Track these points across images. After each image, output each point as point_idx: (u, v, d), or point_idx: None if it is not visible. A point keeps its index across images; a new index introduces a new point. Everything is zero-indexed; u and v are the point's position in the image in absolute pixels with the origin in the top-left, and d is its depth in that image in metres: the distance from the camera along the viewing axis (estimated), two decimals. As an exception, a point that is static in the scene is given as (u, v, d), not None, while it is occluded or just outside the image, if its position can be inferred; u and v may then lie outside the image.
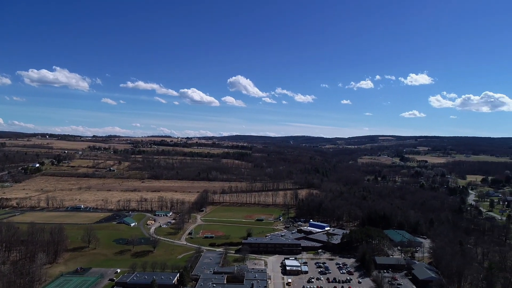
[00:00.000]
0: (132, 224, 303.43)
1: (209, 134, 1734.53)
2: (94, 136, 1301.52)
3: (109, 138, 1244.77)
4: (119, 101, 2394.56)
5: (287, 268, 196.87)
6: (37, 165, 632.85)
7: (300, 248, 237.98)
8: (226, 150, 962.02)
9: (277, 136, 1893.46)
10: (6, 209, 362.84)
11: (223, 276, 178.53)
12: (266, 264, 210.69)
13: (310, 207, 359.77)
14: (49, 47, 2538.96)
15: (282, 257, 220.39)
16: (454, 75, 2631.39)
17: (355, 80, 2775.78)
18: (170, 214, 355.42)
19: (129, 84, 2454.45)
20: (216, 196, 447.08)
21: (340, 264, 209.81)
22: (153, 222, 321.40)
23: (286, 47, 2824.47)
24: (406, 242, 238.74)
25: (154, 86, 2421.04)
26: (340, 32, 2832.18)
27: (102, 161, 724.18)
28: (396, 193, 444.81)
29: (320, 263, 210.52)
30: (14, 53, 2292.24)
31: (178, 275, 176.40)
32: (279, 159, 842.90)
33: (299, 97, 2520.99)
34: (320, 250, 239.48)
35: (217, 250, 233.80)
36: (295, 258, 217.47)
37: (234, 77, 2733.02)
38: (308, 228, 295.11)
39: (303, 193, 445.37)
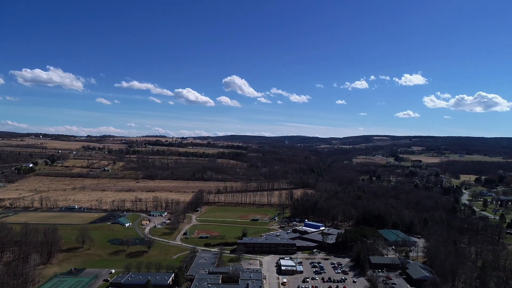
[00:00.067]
0: (127, 225, 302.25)
1: (204, 134, 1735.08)
2: (89, 136, 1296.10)
3: (104, 138, 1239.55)
4: (114, 101, 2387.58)
5: (282, 268, 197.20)
6: (31, 165, 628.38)
7: (295, 248, 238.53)
8: (221, 150, 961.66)
9: (272, 136, 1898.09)
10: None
11: (218, 276, 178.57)
12: (261, 264, 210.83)
13: (305, 207, 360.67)
14: (43, 47, 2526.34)
15: (277, 257, 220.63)
16: (448, 76, 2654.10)
17: (350, 80, 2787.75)
18: (165, 214, 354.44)
19: (124, 84, 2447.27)
20: (211, 196, 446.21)
21: (335, 264, 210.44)
22: (148, 222, 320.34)
23: (282, 48, 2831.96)
24: (401, 242, 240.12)
25: (149, 86, 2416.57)
26: (335, 33, 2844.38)
27: (97, 161, 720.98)
28: (391, 193, 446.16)
29: (315, 263, 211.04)
30: (7, 53, 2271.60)
31: (173, 276, 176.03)
32: (274, 159, 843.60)
33: (294, 97, 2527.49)
34: (315, 250, 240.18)
35: (212, 250, 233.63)
36: (290, 258, 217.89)
37: (229, 77, 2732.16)
38: (303, 228, 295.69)
39: (298, 193, 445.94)
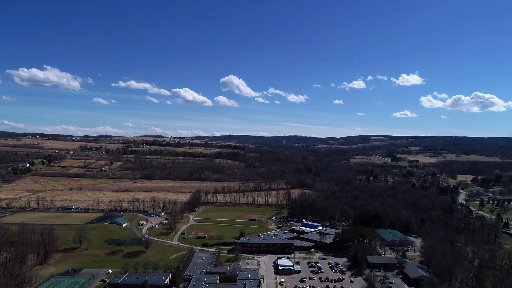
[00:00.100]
0: (124, 225, 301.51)
1: (202, 134, 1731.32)
2: (86, 136, 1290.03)
3: (101, 138, 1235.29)
4: (111, 101, 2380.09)
5: (280, 268, 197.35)
6: (28, 165, 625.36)
7: (293, 248, 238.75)
8: (219, 150, 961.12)
9: (270, 136, 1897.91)
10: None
11: (216, 276, 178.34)
12: (259, 264, 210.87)
13: (303, 207, 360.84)
14: (40, 46, 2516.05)
15: (275, 257, 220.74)
16: (445, 76, 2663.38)
17: (348, 80, 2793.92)
18: (163, 214, 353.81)
19: (121, 84, 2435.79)
20: (209, 196, 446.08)
21: (333, 264, 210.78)
22: (145, 223, 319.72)
23: (279, 48, 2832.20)
24: (398, 241, 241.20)
25: (146, 86, 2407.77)
26: (333, 33, 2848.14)
27: (94, 161, 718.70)
28: (388, 193, 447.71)
29: (313, 263, 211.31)
30: (4, 52, 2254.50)
31: (171, 276, 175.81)
32: (272, 159, 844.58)
33: (292, 97, 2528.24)
34: (313, 250, 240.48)
35: (210, 250, 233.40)
36: (288, 258, 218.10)
37: (227, 77, 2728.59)
38: (301, 228, 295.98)
39: (296, 193, 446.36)
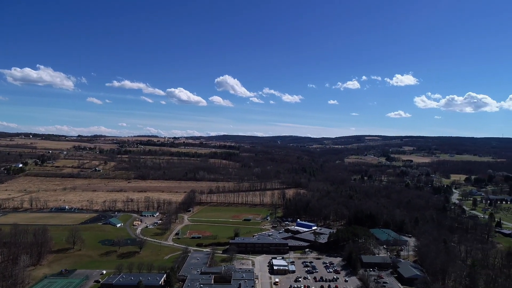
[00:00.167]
0: (118, 225, 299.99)
1: (197, 134, 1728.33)
2: (79, 136, 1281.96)
3: (95, 138, 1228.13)
4: (105, 101, 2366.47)
5: (275, 268, 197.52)
6: (20, 165, 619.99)
7: (288, 248, 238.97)
8: (214, 150, 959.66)
9: (265, 136, 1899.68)
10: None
11: (211, 276, 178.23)
12: (254, 264, 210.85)
13: (298, 207, 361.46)
14: (33, 46, 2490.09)
15: (270, 257, 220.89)
16: (439, 76, 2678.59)
17: (342, 81, 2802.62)
18: (157, 215, 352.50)
19: (115, 83, 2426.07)
20: (204, 196, 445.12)
21: (327, 263, 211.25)
22: (140, 223, 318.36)
23: (274, 48, 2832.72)
24: (392, 241, 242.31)
25: (141, 86, 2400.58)
26: (328, 34, 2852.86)
27: (88, 161, 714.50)
28: (382, 193, 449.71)
29: (307, 262, 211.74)
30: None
31: (165, 276, 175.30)
32: (267, 159, 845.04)
33: (287, 97, 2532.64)
34: (307, 250, 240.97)
35: (204, 251, 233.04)
36: (283, 258, 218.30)
37: (222, 77, 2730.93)
38: (295, 228, 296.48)
39: (291, 193, 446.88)
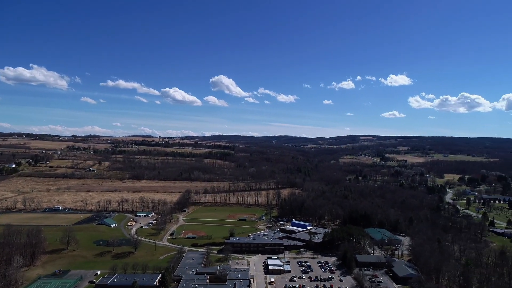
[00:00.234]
0: (113, 225, 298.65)
1: (191, 134, 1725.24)
2: (73, 136, 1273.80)
3: (89, 138, 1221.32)
4: (99, 100, 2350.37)
5: (270, 268, 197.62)
6: (14, 166, 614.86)
7: (283, 247, 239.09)
8: (209, 150, 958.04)
9: (260, 136, 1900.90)
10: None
11: (206, 277, 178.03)
12: (249, 264, 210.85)
13: (293, 207, 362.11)
14: (26, 45, 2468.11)
15: (265, 257, 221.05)
16: (432, 76, 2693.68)
17: (337, 81, 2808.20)
18: (152, 215, 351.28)
19: (110, 83, 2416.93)
20: (199, 196, 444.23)
21: (322, 263, 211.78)
22: (134, 223, 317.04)
23: (269, 48, 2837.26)
24: (386, 240, 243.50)
25: (135, 85, 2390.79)
26: (322, 34, 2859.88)
27: (82, 161, 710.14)
28: (377, 192, 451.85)
29: (302, 262, 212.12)
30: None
31: (160, 276, 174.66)
32: (262, 159, 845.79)
33: (282, 97, 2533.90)
34: (302, 249, 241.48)
35: (200, 251, 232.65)
36: (278, 257, 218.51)
37: (217, 77, 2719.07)
38: (291, 228, 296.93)
39: (286, 193, 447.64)
